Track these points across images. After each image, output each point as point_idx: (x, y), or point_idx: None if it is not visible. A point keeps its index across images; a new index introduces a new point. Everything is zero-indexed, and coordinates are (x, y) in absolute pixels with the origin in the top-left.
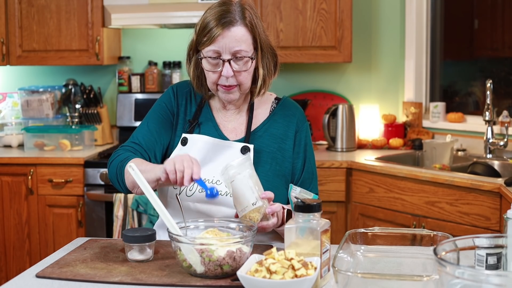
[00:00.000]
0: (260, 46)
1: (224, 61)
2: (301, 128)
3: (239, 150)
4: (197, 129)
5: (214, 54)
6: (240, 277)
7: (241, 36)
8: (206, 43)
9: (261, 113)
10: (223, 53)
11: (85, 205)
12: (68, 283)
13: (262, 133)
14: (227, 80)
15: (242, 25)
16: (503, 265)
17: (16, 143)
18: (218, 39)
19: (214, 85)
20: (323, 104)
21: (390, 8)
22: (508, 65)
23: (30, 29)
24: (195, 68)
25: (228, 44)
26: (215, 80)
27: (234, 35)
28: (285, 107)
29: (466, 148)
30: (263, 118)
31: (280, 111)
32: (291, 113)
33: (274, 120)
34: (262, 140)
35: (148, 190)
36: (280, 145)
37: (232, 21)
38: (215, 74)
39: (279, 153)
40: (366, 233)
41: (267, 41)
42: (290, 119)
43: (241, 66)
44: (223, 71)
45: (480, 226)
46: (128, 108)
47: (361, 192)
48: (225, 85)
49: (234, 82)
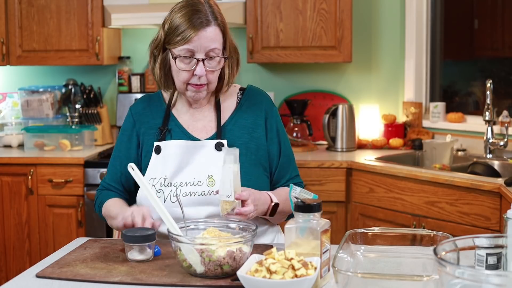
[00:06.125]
0: (228, 46)
1: (198, 60)
2: (270, 114)
3: (213, 147)
4: (168, 135)
5: (188, 53)
6: (240, 277)
7: (215, 36)
8: (179, 42)
9: (228, 107)
10: (197, 52)
11: (85, 205)
12: (68, 283)
13: (232, 126)
14: (199, 79)
15: (215, 25)
16: (503, 265)
17: (16, 143)
18: (194, 39)
19: (184, 84)
20: (323, 104)
21: (390, 8)
22: (508, 65)
23: (30, 29)
24: (162, 67)
25: (203, 44)
26: (186, 79)
27: (209, 35)
28: (251, 96)
29: (466, 148)
30: (230, 111)
31: (246, 101)
32: (257, 101)
33: (242, 111)
34: (232, 133)
35: (148, 190)
36: (252, 135)
37: (207, 21)
38: (188, 73)
39: (252, 142)
40: (366, 233)
41: (230, 38)
42: (257, 107)
43: (213, 66)
44: (197, 70)
45: (480, 226)
46: (128, 108)
47: (361, 192)
48: (196, 84)
49: (205, 81)
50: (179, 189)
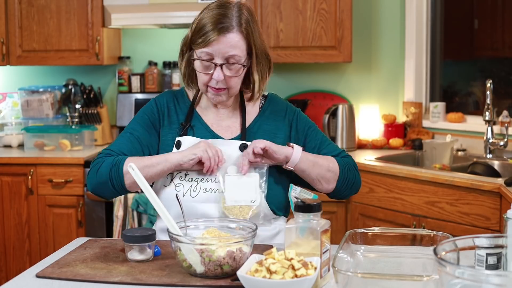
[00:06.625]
0: (255, 53)
1: (216, 65)
2: (296, 118)
3: (238, 147)
4: (190, 131)
5: (207, 57)
6: (240, 277)
7: (236, 42)
8: (200, 44)
9: (251, 111)
10: (216, 57)
11: (85, 205)
12: (68, 283)
13: (256, 129)
14: (217, 83)
15: (238, 32)
16: (503, 265)
17: (16, 143)
18: (213, 44)
19: (204, 86)
20: (323, 104)
21: (390, 8)
22: (508, 65)
23: (30, 29)
24: (186, 65)
25: (222, 49)
26: (206, 81)
27: (229, 41)
28: (273, 102)
29: (466, 148)
30: (254, 115)
31: (269, 107)
32: (279, 108)
33: (265, 117)
34: (256, 136)
35: (148, 190)
36: (273, 140)
37: (229, 27)
38: (207, 76)
39: None
40: (366, 233)
41: (262, 47)
42: (279, 113)
43: (232, 72)
44: (214, 74)
45: (480, 226)
46: (128, 108)
47: (361, 192)
48: (215, 87)
49: (224, 85)
50: (199, 185)
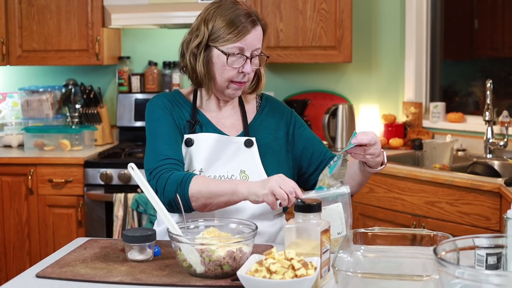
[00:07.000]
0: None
1: (247, 58)
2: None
3: (243, 144)
4: (198, 128)
5: (237, 51)
6: (240, 277)
7: (260, 36)
8: (231, 40)
9: (250, 109)
10: (246, 50)
11: (85, 205)
12: (68, 283)
13: (257, 126)
14: (243, 77)
15: (260, 26)
16: (503, 265)
17: (16, 143)
18: (247, 37)
19: (227, 81)
20: (323, 104)
21: (390, 8)
22: (508, 65)
23: (30, 29)
24: (204, 65)
25: (252, 42)
26: (231, 77)
27: (257, 34)
28: (269, 101)
29: (466, 148)
30: (253, 113)
31: (266, 106)
32: (278, 106)
33: (264, 114)
34: (258, 132)
35: (148, 190)
36: (275, 135)
37: (255, 20)
38: (234, 70)
39: (275, 143)
40: (366, 233)
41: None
42: (277, 111)
43: (256, 65)
44: (245, 68)
45: (480, 226)
46: (128, 108)
47: (361, 192)
48: (240, 81)
49: (247, 79)
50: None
